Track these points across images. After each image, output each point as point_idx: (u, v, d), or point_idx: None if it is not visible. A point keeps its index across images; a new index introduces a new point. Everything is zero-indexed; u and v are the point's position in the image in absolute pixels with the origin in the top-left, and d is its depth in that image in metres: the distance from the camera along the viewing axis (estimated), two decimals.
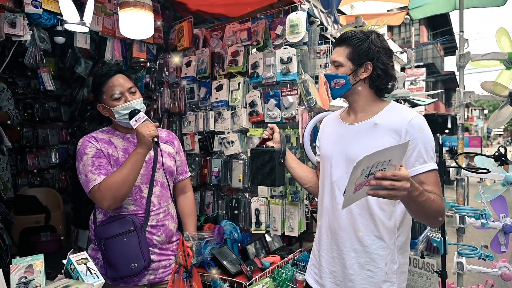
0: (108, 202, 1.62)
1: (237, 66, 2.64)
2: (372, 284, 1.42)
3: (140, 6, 2.35)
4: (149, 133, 1.61)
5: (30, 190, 4.76)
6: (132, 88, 1.76)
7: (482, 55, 2.39)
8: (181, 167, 2.01)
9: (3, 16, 2.18)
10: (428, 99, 10.95)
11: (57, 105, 5.43)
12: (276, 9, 2.52)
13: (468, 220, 2.22)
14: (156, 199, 1.80)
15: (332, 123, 1.66)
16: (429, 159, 1.36)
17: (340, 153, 1.51)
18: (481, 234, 5.59)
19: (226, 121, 2.67)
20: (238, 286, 2.00)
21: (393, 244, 1.43)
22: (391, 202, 1.41)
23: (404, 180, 1.07)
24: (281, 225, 2.40)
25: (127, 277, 1.72)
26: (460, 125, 2.46)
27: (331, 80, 1.50)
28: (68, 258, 1.62)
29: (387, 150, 1.04)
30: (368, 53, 1.43)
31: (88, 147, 1.71)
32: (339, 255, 1.49)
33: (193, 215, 2.04)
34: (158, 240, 1.79)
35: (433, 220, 1.31)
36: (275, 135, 1.82)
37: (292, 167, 1.79)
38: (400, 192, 1.08)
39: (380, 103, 1.51)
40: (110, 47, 2.87)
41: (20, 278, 1.48)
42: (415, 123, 1.37)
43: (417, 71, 17.17)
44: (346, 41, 1.45)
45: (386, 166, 1.07)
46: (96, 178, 1.64)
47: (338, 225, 1.49)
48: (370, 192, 1.08)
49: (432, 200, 1.24)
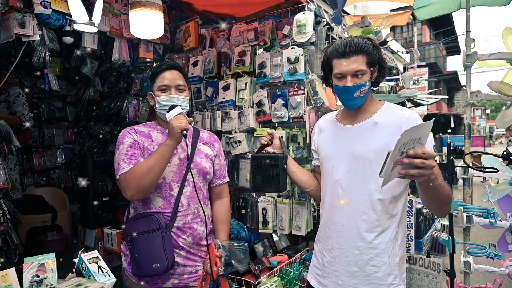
0: (131, 192, 1.62)
1: (244, 66, 2.65)
2: (377, 279, 1.47)
3: (150, 6, 2.37)
4: (178, 125, 1.60)
5: (37, 189, 4.79)
6: (181, 86, 1.79)
7: (489, 55, 2.39)
8: (219, 171, 1.96)
9: (12, 17, 2.19)
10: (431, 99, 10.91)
11: (63, 105, 5.47)
12: (283, 9, 2.53)
13: (475, 219, 2.22)
14: (185, 200, 1.76)
15: (329, 126, 1.69)
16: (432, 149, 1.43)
17: (342, 154, 1.55)
18: (485, 234, 5.59)
19: (233, 121, 2.68)
20: (247, 285, 2.01)
21: (395, 238, 1.49)
22: (394, 198, 1.47)
23: (431, 158, 1.12)
24: (288, 224, 2.41)
25: (150, 276, 1.71)
26: (467, 124, 2.46)
27: (356, 90, 1.47)
28: (79, 257, 1.63)
29: (419, 127, 1.10)
30: (377, 57, 1.50)
31: (126, 137, 1.75)
32: (342, 253, 1.52)
33: (226, 223, 1.96)
34: (184, 242, 1.74)
35: (444, 206, 1.38)
36: (274, 140, 1.83)
37: (294, 172, 1.81)
38: (428, 171, 1.13)
39: (376, 103, 1.59)
40: (118, 47, 2.89)
41: (32, 276, 1.49)
42: (412, 118, 1.46)
43: (420, 70, 17.09)
44: (362, 49, 1.46)
45: (416, 145, 1.12)
46: (125, 166, 1.65)
47: (341, 224, 1.53)
48: (402, 171, 1.13)
49: (443, 186, 1.30)
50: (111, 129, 4.75)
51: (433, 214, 2.52)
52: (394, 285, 1.48)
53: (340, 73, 1.49)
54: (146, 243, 1.68)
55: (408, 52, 4.79)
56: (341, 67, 1.48)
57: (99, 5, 2.39)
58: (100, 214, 3.81)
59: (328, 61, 1.55)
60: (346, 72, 1.47)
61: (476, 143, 8.68)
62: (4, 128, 2.80)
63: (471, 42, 2.49)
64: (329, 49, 1.54)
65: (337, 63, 1.49)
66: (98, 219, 3.77)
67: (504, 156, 2.03)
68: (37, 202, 4.45)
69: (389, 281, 1.47)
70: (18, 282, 1.45)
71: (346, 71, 1.47)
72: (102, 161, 3.98)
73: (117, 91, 4.61)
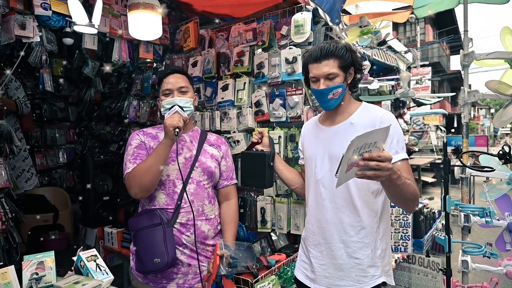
0: (135, 190, 1.70)
1: (242, 66, 2.66)
2: (361, 271, 1.56)
3: (148, 8, 2.39)
4: (170, 123, 1.66)
5: (39, 189, 4.80)
6: (184, 88, 1.85)
7: (487, 54, 2.39)
8: (226, 173, 1.99)
9: (13, 18, 2.22)
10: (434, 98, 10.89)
11: (65, 106, 5.51)
12: (281, 9, 2.54)
13: (473, 219, 2.23)
14: (190, 197, 1.79)
15: (312, 128, 1.80)
16: (400, 149, 1.52)
17: (323, 154, 1.64)
18: (487, 234, 5.58)
19: (232, 120, 2.70)
20: (245, 283, 2.02)
21: (376, 232, 1.58)
22: (372, 193, 1.55)
23: (387, 160, 1.19)
24: (286, 223, 2.42)
25: (152, 272, 1.73)
26: (464, 124, 2.46)
27: (329, 92, 1.57)
28: (78, 255, 1.65)
29: (373, 132, 1.16)
30: (350, 60, 1.58)
31: (134, 139, 1.84)
32: (328, 247, 1.61)
33: (233, 224, 1.97)
34: (188, 240, 1.76)
35: (410, 203, 1.46)
36: (264, 139, 1.89)
37: (280, 170, 1.88)
38: (384, 172, 1.20)
39: (354, 104, 1.67)
40: (118, 48, 2.91)
41: (31, 274, 1.52)
42: (385, 118, 1.54)
43: (423, 70, 17.05)
44: (332, 53, 1.54)
45: (372, 148, 1.19)
46: (130, 166, 1.73)
47: (325, 220, 1.62)
48: (359, 172, 1.19)
49: (408, 184, 1.37)
50: (112, 129, 4.78)
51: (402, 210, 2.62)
52: (376, 276, 1.56)
53: (314, 77, 1.60)
54: (147, 237, 1.72)
55: (407, 51, 4.78)
56: (314, 71, 1.58)
57: (98, 6, 2.41)
58: (101, 214, 3.84)
59: (305, 65, 1.66)
60: (319, 76, 1.57)
61: (479, 142, 8.63)
62: (6, 128, 2.83)
63: (469, 42, 2.49)
64: (306, 54, 1.64)
65: (311, 67, 1.60)
66: (99, 218, 3.80)
67: (500, 155, 2.04)
68: (39, 201, 4.50)
69: (371, 273, 1.56)
70: (17, 280, 1.47)
71: (318, 74, 1.57)
72: (102, 161, 4.01)
73: (118, 92, 4.64)
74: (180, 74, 1.88)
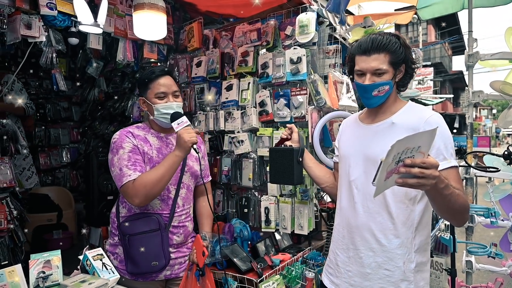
0: (140, 199, 1.65)
1: (247, 66, 2.67)
2: (390, 284, 1.42)
3: (153, 8, 2.40)
4: (190, 139, 1.66)
5: (42, 188, 4.83)
6: (177, 92, 1.83)
7: (491, 55, 2.40)
8: (204, 171, 2.04)
9: (19, 18, 2.23)
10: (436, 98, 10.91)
11: (69, 105, 5.53)
12: (286, 9, 2.55)
13: (477, 219, 2.23)
14: (181, 201, 1.86)
15: (351, 125, 1.68)
16: (449, 156, 1.37)
17: (359, 153, 1.52)
18: (489, 235, 5.57)
19: (236, 120, 2.70)
20: (249, 283, 2.03)
21: (410, 243, 1.42)
22: (409, 200, 1.41)
23: (433, 168, 1.06)
24: (290, 223, 2.42)
25: (147, 273, 1.77)
26: (469, 124, 2.46)
27: (374, 88, 1.44)
28: (84, 254, 1.66)
29: (416, 136, 1.04)
30: (403, 56, 1.44)
31: (125, 141, 1.75)
32: (356, 254, 1.49)
33: (210, 217, 2.06)
34: (177, 240, 1.84)
35: (458, 216, 1.31)
36: (293, 134, 1.84)
37: (310, 167, 1.82)
38: (429, 181, 1.07)
39: (399, 103, 1.53)
40: (122, 48, 2.92)
41: (38, 273, 1.52)
42: (432, 120, 1.38)
43: (425, 70, 17.02)
44: (385, 47, 1.41)
45: (415, 153, 1.06)
46: (131, 173, 1.67)
47: (355, 224, 1.50)
48: (399, 180, 1.06)
49: (457, 195, 1.22)
50: (116, 129, 4.79)
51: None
52: None
53: (360, 70, 1.47)
54: (145, 242, 1.74)
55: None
56: (361, 64, 1.45)
57: (104, 6, 2.42)
58: (105, 213, 3.85)
59: (351, 56, 1.52)
60: (366, 70, 1.44)
61: (481, 143, 8.62)
62: (11, 127, 2.85)
63: (473, 42, 2.49)
64: (354, 44, 1.51)
65: (358, 59, 1.47)
66: (103, 217, 3.81)
67: (505, 155, 2.04)
68: (43, 201, 4.51)
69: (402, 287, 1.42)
70: (24, 278, 1.48)
71: (365, 68, 1.44)
72: (106, 161, 4.01)
73: (122, 91, 4.65)
74: (171, 76, 1.84)
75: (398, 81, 1.50)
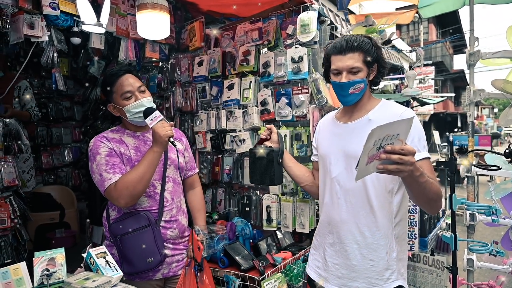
0: (125, 200, 1.66)
1: (248, 66, 2.68)
2: (375, 273, 1.51)
3: (157, 8, 2.41)
4: (165, 133, 1.65)
5: (45, 187, 4.86)
6: (142, 87, 1.79)
7: (493, 53, 2.40)
8: (189, 163, 2.06)
9: (22, 18, 2.24)
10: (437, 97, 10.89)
11: (71, 105, 5.54)
12: (287, 9, 2.55)
13: (478, 217, 2.23)
14: (169, 195, 1.85)
15: (327, 124, 1.76)
16: (422, 148, 1.47)
17: (339, 151, 1.60)
18: (491, 233, 5.57)
19: (238, 119, 2.71)
20: (251, 281, 2.04)
21: (391, 234, 1.52)
22: (388, 192, 1.50)
23: (410, 154, 1.14)
24: (292, 222, 2.43)
25: (143, 271, 1.76)
26: (470, 123, 2.47)
27: (350, 86, 1.52)
28: (87, 252, 1.67)
29: (395, 123, 1.10)
30: (375, 56, 1.54)
31: (100, 147, 1.74)
32: (342, 247, 1.57)
33: (202, 210, 2.09)
34: (171, 235, 1.83)
35: (433, 203, 1.39)
36: (272, 135, 1.88)
37: (289, 166, 1.87)
38: (407, 167, 1.14)
39: (373, 101, 1.63)
40: (124, 47, 2.93)
41: (42, 270, 1.53)
42: (406, 116, 1.47)
43: (426, 69, 16.98)
44: (359, 47, 1.50)
45: (394, 141, 1.13)
46: (111, 177, 1.67)
47: (339, 219, 1.58)
48: (380, 166, 1.13)
49: (431, 183, 1.32)
50: None
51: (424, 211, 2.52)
52: (391, 279, 1.52)
53: (336, 69, 1.55)
54: (137, 240, 1.73)
55: (413, 50, 4.78)
56: (337, 63, 1.53)
57: (106, 6, 2.43)
58: None
59: (327, 57, 1.61)
60: (342, 68, 1.53)
61: (482, 142, 8.60)
62: (14, 126, 2.86)
63: (475, 41, 2.49)
64: (329, 46, 1.59)
65: (334, 59, 1.55)
66: None
67: (507, 154, 2.04)
68: (46, 200, 4.53)
69: (386, 276, 1.51)
70: (29, 276, 1.49)
71: (341, 67, 1.52)
72: None
73: None
74: (131, 73, 1.79)
75: (371, 80, 1.59)
